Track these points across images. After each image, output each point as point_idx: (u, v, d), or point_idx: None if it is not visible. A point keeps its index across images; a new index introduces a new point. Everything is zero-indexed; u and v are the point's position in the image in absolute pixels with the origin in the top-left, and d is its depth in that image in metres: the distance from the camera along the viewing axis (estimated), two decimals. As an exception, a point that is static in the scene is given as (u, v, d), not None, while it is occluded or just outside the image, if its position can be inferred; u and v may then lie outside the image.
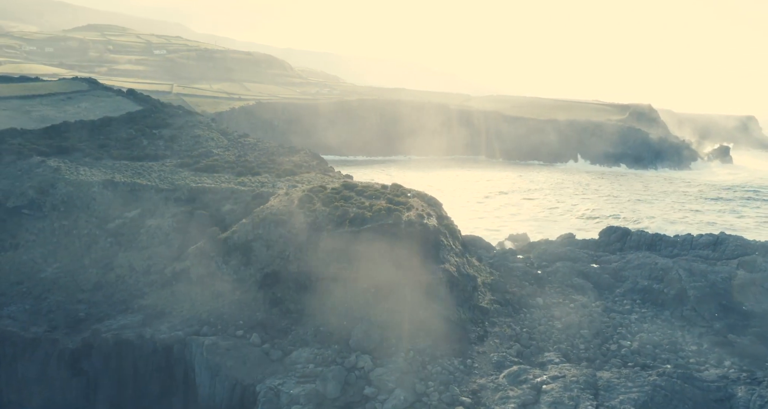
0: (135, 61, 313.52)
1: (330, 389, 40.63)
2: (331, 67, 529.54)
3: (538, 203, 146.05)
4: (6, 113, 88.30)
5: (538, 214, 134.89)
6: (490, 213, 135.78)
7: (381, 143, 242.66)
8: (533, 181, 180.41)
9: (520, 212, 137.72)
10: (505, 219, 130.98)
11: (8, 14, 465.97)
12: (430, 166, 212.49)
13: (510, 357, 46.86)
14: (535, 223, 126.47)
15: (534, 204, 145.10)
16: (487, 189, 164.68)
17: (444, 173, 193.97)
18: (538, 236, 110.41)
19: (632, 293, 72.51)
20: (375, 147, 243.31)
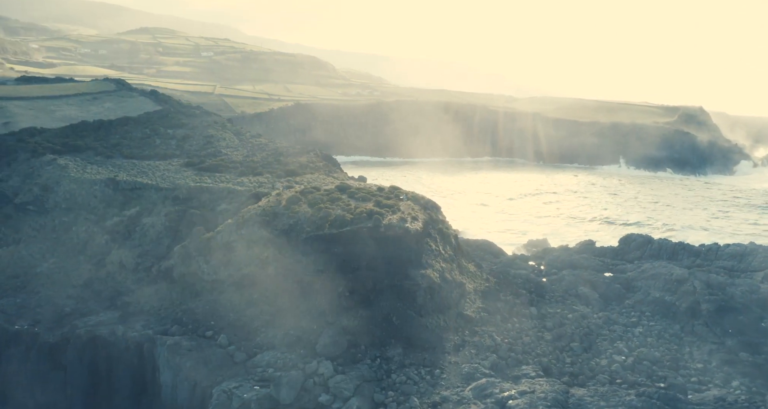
0: (182, 63, 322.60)
1: (283, 394, 39.93)
2: (376, 69, 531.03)
3: (566, 208, 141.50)
4: (31, 113, 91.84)
5: (565, 219, 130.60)
6: (515, 216, 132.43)
7: (416, 145, 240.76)
8: (566, 185, 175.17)
9: (547, 215, 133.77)
10: (530, 223, 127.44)
11: (70, 18, 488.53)
12: (462, 169, 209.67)
13: (482, 369, 44.99)
14: (559, 228, 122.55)
15: (562, 208, 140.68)
16: (516, 192, 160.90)
17: (475, 176, 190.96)
18: (559, 241, 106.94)
19: (642, 305, 68.92)
20: (409, 148, 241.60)
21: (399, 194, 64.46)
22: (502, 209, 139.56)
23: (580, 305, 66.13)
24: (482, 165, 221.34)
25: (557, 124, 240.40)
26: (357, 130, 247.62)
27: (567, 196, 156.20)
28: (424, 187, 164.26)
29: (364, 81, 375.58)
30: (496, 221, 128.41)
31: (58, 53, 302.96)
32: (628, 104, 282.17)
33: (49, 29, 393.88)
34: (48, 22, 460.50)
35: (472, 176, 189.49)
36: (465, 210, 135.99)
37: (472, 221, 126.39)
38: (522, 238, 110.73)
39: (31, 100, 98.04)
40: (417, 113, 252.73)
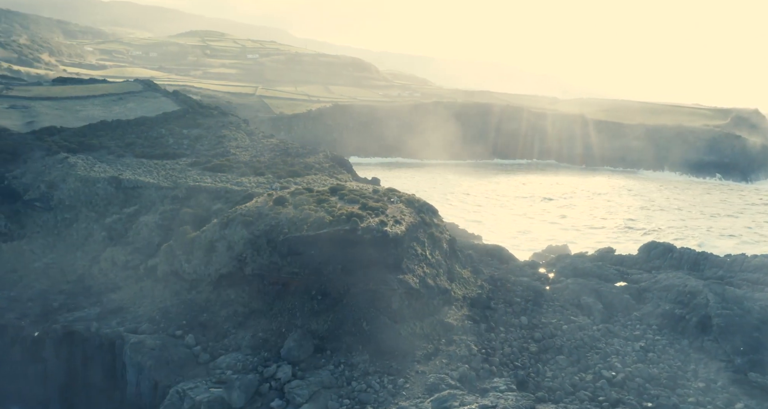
0: (228, 65, 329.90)
1: (235, 398, 39.48)
2: (423, 70, 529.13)
3: (597, 213, 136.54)
4: (57, 113, 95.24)
5: (593, 224, 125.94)
6: (542, 221, 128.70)
7: (451, 147, 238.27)
8: (602, 190, 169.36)
9: (574, 221, 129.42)
10: (556, 227, 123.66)
11: (127, 22, 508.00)
12: (497, 171, 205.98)
13: (449, 380, 43.29)
14: (584, 233, 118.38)
15: (592, 214, 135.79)
16: (547, 195, 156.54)
17: (508, 179, 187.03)
18: (581, 247, 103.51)
19: (650, 318, 65.38)
20: (444, 150, 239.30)
21: (391, 196, 63.25)
22: (530, 213, 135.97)
23: (580, 316, 63.24)
24: (518, 168, 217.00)
25: (600, 126, 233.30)
26: (393, 131, 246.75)
27: (600, 201, 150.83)
28: (452, 190, 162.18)
29: (407, 82, 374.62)
30: (520, 225, 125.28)
31: (111, 56, 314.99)
32: (677, 106, 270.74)
33: (106, 33, 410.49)
34: (106, 25, 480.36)
35: (504, 179, 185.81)
36: (489, 213, 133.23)
37: (496, 224, 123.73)
38: (544, 243, 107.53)
39: (59, 100, 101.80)
40: (454, 115, 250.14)
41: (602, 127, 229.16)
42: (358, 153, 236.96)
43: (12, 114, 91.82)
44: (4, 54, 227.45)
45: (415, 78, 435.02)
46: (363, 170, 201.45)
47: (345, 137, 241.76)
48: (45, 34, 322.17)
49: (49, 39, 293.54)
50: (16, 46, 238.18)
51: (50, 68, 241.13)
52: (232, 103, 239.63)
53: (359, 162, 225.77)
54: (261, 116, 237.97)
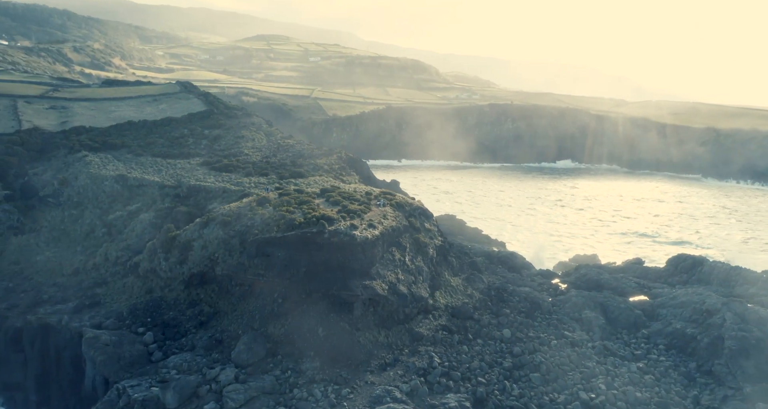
0: (290, 68, 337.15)
1: (168, 398, 39.26)
2: (489, 72, 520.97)
3: (641, 221, 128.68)
4: (91, 113, 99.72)
5: (636, 232, 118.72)
6: (580, 228, 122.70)
7: (502, 149, 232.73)
8: (653, 196, 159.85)
9: (617, 227, 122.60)
10: (594, 235, 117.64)
11: (201, 27, 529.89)
12: (540, 174, 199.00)
13: (396, 393, 41.29)
14: (622, 242, 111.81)
15: (636, 221, 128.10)
16: (590, 201, 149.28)
17: (553, 183, 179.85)
18: (612, 257, 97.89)
19: (658, 336, 60.55)
20: (495, 153, 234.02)
21: (379, 199, 61.62)
22: (569, 219, 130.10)
23: (577, 331, 59.27)
24: (568, 172, 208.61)
25: (665, 129, 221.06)
26: (445, 133, 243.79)
27: (650, 209, 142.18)
28: (491, 194, 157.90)
29: (468, 85, 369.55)
30: (556, 231, 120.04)
31: (180, 59, 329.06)
32: (755, 109, 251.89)
33: (180, 37, 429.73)
34: (182, 31, 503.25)
35: (550, 184, 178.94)
36: (526, 219, 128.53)
37: (530, 230, 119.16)
38: (576, 251, 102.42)
39: (97, 101, 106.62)
40: (508, 117, 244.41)
41: (667, 130, 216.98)
42: (408, 155, 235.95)
43: (50, 114, 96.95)
44: (78, 58, 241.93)
45: (479, 80, 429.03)
46: (406, 172, 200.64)
47: (396, 139, 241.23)
48: (121, 40, 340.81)
49: (123, 44, 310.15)
50: (90, 51, 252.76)
51: (120, 71, 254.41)
52: (288, 105, 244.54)
53: (409, 165, 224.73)
54: (314, 118, 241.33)
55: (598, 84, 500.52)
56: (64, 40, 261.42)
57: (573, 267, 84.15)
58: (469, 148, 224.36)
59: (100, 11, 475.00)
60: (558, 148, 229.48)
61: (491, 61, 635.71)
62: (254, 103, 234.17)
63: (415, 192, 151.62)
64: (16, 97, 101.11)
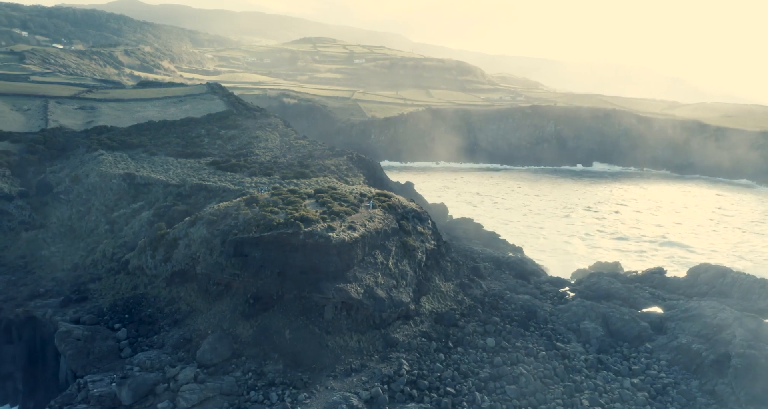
0: (334, 70, 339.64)
1: (123, 395, 39.46)
2: (539, 73, 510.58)
3: (679, 228, 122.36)
4: (117, 113, 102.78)
5: (670, 240, 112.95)
6: (610, 234, 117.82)
7: (541, 152, 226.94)
8: (694, 202, 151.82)
9: (649, 233, 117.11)
10: (624, 241, 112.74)
11: (253, 31, 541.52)
12: (577, 177, 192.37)
13: (353, 400, 40.10)
14: (652, 250, 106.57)
15: (673, 229, 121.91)
16: (625, 205, 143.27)
17: (590, 187, 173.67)
18: (636, 266, 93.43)
19: (661, 351, 57.09)
20: (539, 155, 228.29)
21: (370, 200, 60.57)
22: (600, 224, 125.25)
23: (572, 342, 56.58)
24: (612, 176, 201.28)
25: (715, 133, 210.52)
26: (484, 135, 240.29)
27: (689, 216, 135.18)
28: (518, 196, 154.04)
29: (515, 86, 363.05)
30: (584, 237, 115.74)
31: (228, 62, 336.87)
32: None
33: (231, 41, 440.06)
34: (235, 34, 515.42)
35: (587, 187, 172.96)
36: (554, 223, 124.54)
37: (556, 235, 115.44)
38: (602, 258, 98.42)
39: (125, 102, 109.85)
40: (551, 119, 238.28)
41: (717, 133, 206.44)
42: (446, 157, 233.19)
43: (78, 114, 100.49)
44: (129, 61, 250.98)
45: (527, 82, 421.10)
46: (441, 175, 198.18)
47: (435, 141, 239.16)
48: (173, 43, 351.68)
49: (174, 47, 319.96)
50: (140, 54, 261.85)
51: (168, 74, 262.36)
52: (328, 107, 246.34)
53: (445, 167, 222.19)
54: (353, 119, 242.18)
55: (652, 85, 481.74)
56: (117, 44, 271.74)
57: (585, 275, 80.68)
58: (509, 151, 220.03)
59: (159, 16, 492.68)
60: (601, 151, 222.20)
61: (542, 63, 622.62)
62: (294, 105, 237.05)
63: (444, 195, 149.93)
64: (49, 98, 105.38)
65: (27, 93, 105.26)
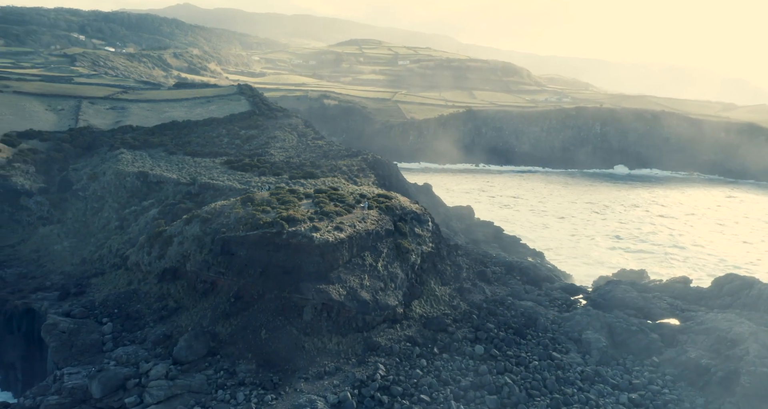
0: (378, 71, 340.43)
1: (93, 389, 40.01)
2: (590, 74, 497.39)
3: (717, 238, 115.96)
4: (145, 113, 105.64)
5: (705, 250, 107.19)
6: (643, 241, 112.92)
7: (583, 155, 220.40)
8: (741, 210, 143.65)
9: (683, 241, 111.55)
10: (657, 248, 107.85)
11: (304, 33, 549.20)
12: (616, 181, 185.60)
13: (320, 404, 39.34)
14: (682, 258, 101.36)
15: (711, 238, 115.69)
16: (665, 212, 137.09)
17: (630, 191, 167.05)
18: (668, 274, 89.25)
19: (668, 365, 53.98)
20: (583, 158, 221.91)
21: (367, 201, 59.74)
22: (636, 231, 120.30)
23: (571, 353, 54.12)
24: (657, 180, 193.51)
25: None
26: (526, 136, 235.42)
27: (730, 225, 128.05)
28: (554, 200, 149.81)
29: (562, 87, 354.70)
30: (616, 243, 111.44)
31: (274, 64, 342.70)
32: None
33: (279, 43, 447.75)
34: (285, 37, 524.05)
35: (631, 192, 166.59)
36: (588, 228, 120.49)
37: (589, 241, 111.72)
38: (631, 265, 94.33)
39: (155, 102, 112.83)
40: (596, 121, 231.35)
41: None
42: (484, 159, 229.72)
43: (108, 114, 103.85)
44: (177, 63, 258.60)
45: (577, 83, 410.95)
46: (481, 177, 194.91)
47: (478, 141, 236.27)
48: (223, 46, 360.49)
49: (223, 50, 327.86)
50: (188, 57, 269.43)
51: (214, 76, 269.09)
52: (367, 108, 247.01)
53: (485, 170, 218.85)
54: (392, 121, 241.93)
55: (709, 87, 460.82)
56: (167, 47, 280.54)
57: (603, 282, 77.29)
58: (550, 153, 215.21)
59: (212, 20, 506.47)
60: (648, 154, 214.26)
61: (595, 63, 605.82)
62: (334, 106, 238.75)
63: (479, 198, 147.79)
64: (83, 99, 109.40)
65: (63, 94, 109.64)
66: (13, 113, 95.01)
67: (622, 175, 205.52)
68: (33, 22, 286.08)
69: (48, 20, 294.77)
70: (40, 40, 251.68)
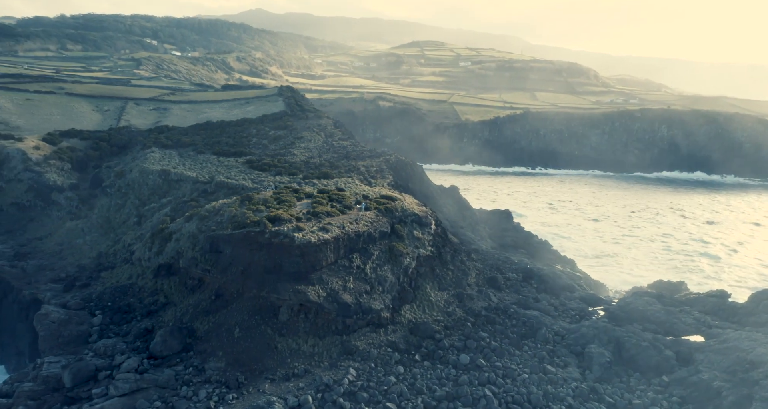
0: (438, 73, 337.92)
1: (65, 378, 41.14)
2: (666, 75, 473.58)
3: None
4: (184, 114, 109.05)
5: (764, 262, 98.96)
6: (694, 250, 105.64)
7: (651, 158, 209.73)
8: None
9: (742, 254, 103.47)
10: (708, 259, 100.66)
11: (371, 36, 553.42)
12: (678, 187, 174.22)
13: (276, 405, 38.72)
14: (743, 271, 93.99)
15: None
16: (718, 219, 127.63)
17: (698, 198, 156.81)
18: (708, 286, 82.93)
19: (677, 385, 49.95)
20: (646, 161, 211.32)
21: (366, 202, 58.71)
22: (686, 239, 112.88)
23: (571, 366, 51.00)
24: (727, 187, 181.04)
25: None
26: (587, 139, 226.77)
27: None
28: (617, 206, 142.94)
29: (632, 88, 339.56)
30: (665, 252, 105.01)
31: (336, 67, 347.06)
32: None
33: (345, 46, 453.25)
34: (352, 40, 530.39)
35: (692, 198, 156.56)
36: (636, 235, 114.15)
37: (635, 247, 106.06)
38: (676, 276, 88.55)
39: (197, 104, 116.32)
40: (663, 123, 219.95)
41: None
42: (541, 162, 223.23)
43: (150, 115, 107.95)
44: (239, 66, 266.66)
45: (649, 83, 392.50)
46: (537, 181, 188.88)
47: (534, 144, 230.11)
48: (288, 49, 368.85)
49: (285, 54, 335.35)
50: (251, 60, 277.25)
51: (275, 78, 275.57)
52: (422, 110, 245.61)
53: (542, 173, 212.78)
54: (446, 123, 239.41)
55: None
56: (231, 51, 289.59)
57: (629, 294, 72.57)
58: (612, 157, 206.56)
59: (283, 24, 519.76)
60: (719, 159, 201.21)
61: (672, 63, 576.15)
62: (389, 108, 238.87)
63: (529, 202, 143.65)
64: (129, 100, 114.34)
65: (112, 95, 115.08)
66: (61, 113, 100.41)
67: (687, 180, 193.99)
68: (111, 28, 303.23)
69: (124, 26, 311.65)
70: (114, 45, 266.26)
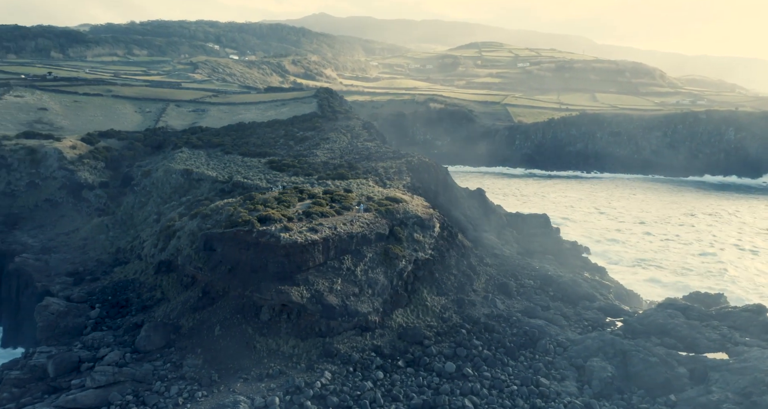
0: (495, 74, 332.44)
1: (50, 368, 42.47)
2: (743, 75, 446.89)
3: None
4: (220, 115, 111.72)
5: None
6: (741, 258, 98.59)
7: (717, 162, 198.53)
8: None
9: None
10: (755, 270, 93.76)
11: (432, 38, 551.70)
12: (750, 194, 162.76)
13: (242, 405, 38.41)
14: None
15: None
16: None
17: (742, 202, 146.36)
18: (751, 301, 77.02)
19: (685, 406, 46.39)
20: (709, 166, 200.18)
21: (365, 204, 57.86)
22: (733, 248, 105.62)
23: (568, 381, 48.29)
24: None
25: None
26: (646, 142, 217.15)
27: None
28: (675, 213, 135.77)
29: (701, 89, 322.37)
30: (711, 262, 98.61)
31: (392, 69, 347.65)
32: None
33: (402, 48, 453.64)
34: (412, 42, 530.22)
35: (753, 207, 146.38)
36: (684, 240, 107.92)
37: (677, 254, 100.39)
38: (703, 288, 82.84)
39: (234, 105, 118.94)
40: (730, 125, 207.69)
41: None
42: (597, 166, 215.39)
43: (187, 116, 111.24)
44: (294, 69, 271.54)
45: (722, 83, 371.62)
46: (591, 185, 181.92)
47: (591, 146, 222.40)
48: (345, 53, 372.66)
49: (341, 56, 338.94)
50: (306, 63, 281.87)
51: (329, 81, 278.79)
52: (474, 112, 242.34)
53: (596, 176, 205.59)
54: (498, 125, 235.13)
55: None
56: (287, 54, 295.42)
57: (652, 306, 68.15)
58: (674, 160, 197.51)
59: (345, 28, 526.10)
60: None
61: (750, 63, 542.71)
62: (440, 110, 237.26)
63: (577, 206, 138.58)
64: (171, 102, 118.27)
65: (155, 97, 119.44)
66: (104, 115, 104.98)
67: (752, 186, 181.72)
68: (176, 33, 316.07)
69: (189, 32, 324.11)
70: (178, 50, 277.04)
